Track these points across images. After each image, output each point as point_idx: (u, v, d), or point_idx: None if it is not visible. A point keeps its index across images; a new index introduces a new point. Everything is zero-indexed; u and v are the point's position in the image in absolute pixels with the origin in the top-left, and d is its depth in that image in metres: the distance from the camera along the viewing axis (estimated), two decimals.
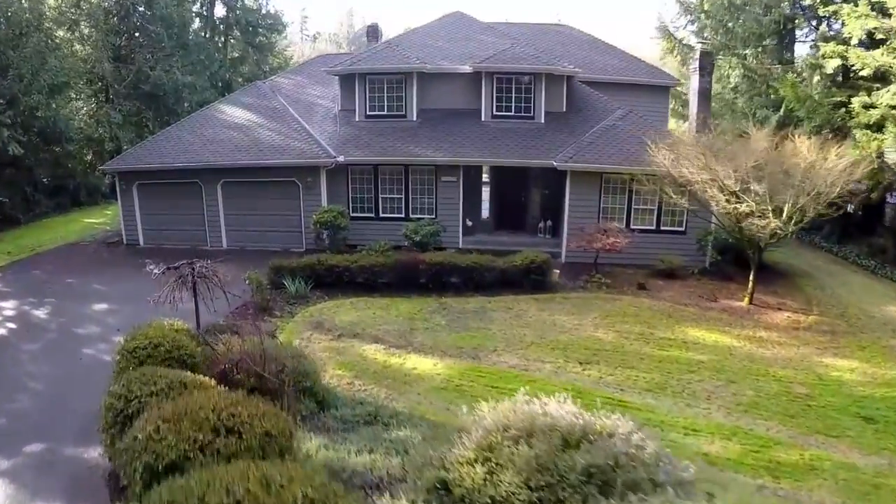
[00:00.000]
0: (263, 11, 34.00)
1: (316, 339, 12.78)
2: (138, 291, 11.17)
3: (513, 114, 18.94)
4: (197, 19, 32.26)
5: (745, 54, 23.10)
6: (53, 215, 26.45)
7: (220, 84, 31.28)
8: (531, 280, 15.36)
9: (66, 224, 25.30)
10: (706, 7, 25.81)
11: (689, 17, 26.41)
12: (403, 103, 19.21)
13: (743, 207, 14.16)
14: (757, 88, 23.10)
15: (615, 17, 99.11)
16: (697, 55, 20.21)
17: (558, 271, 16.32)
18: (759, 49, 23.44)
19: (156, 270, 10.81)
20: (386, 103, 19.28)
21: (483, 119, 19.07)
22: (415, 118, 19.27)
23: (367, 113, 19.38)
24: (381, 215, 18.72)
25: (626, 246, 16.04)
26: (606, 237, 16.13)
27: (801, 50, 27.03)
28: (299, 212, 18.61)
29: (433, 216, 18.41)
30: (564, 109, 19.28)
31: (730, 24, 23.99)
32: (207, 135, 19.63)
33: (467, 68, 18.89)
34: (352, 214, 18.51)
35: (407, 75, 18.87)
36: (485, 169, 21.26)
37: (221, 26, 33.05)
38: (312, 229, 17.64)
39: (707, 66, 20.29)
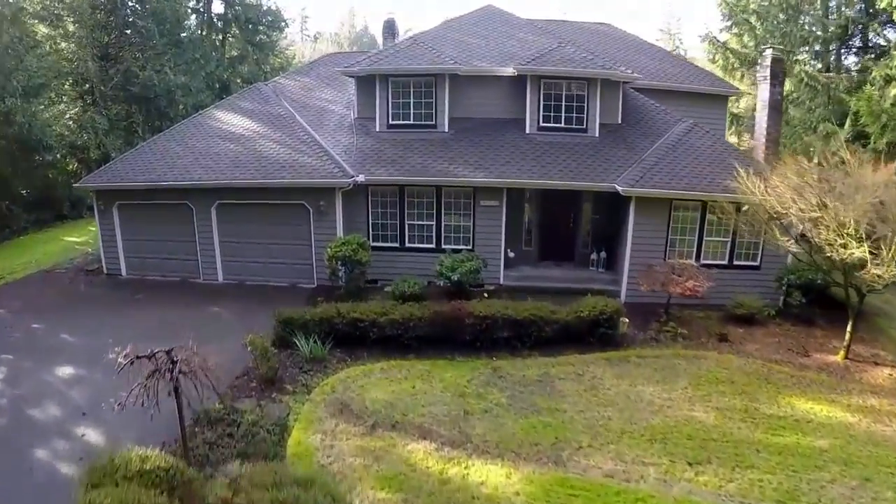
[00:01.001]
0: (264, 7, 29.79)
1: (342, 433, 9.05)
2: (113, 344, 7.62)
3: (562, 125, 15.06)
4: (193, 16, 28.00)
5: (804, 60, 19.85)
6: (32, 231, 22.44)
7: (217, 85, 27.17)
8: (599, 334, 11.71)
9: (44, 243, 21.25)
10: (753, 7, 22.67)
11: (731, 20, 22.77)
12: (433, 111, 15.22)
13: (859, 253, 10.39)
14: (818, 99, 19.60)
15: (620, 16, 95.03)
16: (768, 61, 16.18)
17: (627, 320, 12.45)
18: (819, 55, 20.29)
19: (121, 359, 6.94)
20: (412, 110, 15.32)
21: (528, 131, 15.15)
22: (446, 128, 15.33)
23: (390, 122, 15.42)
24: (408, 245, 14.74)
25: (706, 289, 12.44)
26: (684, 279, 12.40)
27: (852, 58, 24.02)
28: (309, 241, 14.64)
29: (469, 247, 14.50)
30: (620, 121, 15.45)
31: (784, 27, 20.57)
32: (199, 147, 15.63)
33: (510, 71, 14.95)
34: (372, 244, 14.52)
35: (438, 77, 14.94)
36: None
37: (220, 23, 28.83)
38: (326, 264, 13.66)
39: (779, 74, 16.37)
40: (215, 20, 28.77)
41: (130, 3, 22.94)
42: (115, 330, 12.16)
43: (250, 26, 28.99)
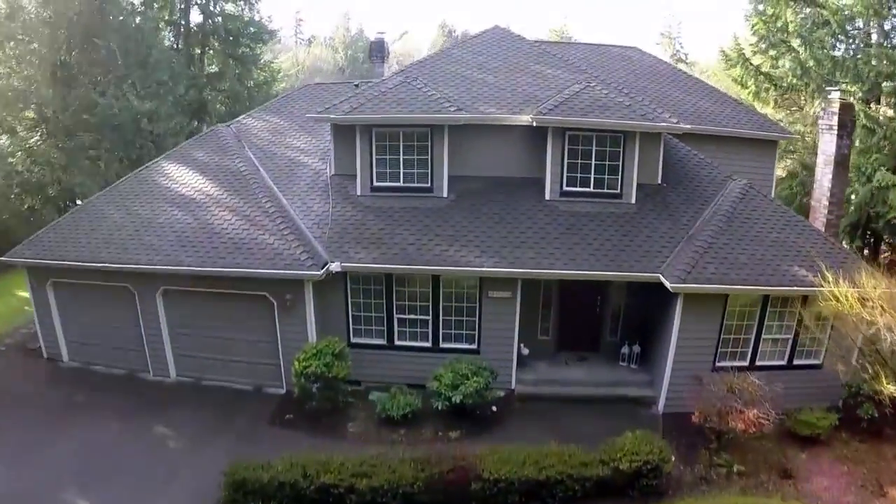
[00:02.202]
0: (247, 18, 24.76)
1: None
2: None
3: (591, 189, 10.92)
4: (169, 29, 23.24)
5: (853, 93, 15.80)
6: None
7: (194, 106, 22.83)
8: (641, 486, 8.06)
9: None
10: (793, 27, 17.84)
11: (766, 41, 17.99)
12: (429, 170, 11.03)
13: None
14: (875, 144, 15.20)
15: (618, 21, 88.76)
16: (835, 107, 11.94)
17: (673, 458, 8.53)
18: (873, 89, 15.94)
19: None
20: (402, 169, 11.10)
21: (548, 197, 10.99)
22: (445, 192, 11.12)
23: (374, 184, 11.18)
24: (398, 343, 10.76)
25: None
26: (745, 410, 8.56)
27: None
28: (275, 338, 10.74)
29: (474, 346, 10.58)
30: (660, 180, 11.34)
31: (836, 54, 16.08)
32: (143, 214, 11.56)
33: (526, 119, 10.72)
34: (354, 340, 10.71)
35: (434, 128, 10.79)
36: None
37: (199, 35, 24.31)
38: (294, 381, 9.82)
39: (848, 123, 12.12)
40: (194, 29, 24.48)
41: (89, 19, 18.47)
42: (37, 460, 8.93)
43: (231, 39, 24.37)
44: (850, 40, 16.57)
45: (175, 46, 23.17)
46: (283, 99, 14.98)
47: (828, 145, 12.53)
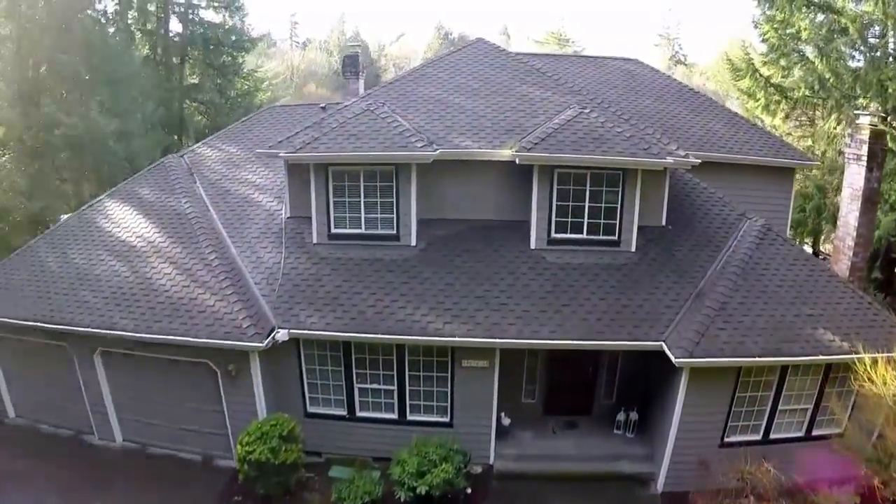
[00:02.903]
0: (228, 25, 22.14)
1: None
2: None
3: (584, 236, 8.80)
4: (145, 40, 20.77)
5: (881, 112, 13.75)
6: None
7: (171, 120, 20.46)
8: None
9: None
10: (805, 34, 15.26)
11: (777, 51, 15.56)
12: (394, 214, 8.91)
13: None
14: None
15: (617, 23, 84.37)
16: (864, 135, 9.69)
17: None
18: None
19: None
20: (364, 213, 8.98)
21: (534, 245, 8.88)
22: (413, 241, 9.00)
23: (332, 230, 9.10)
24: (360, 414, 8.77)
25: None
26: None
27: None
28: (221, 406, 8.82)
29: (446, 419, 8.58)
30: (664, 222, 9.27)
31: (854, 65, 13.60)
32: (80, 264, 9.70)
33: (507, 154, 8.63)
34: (311, 409, 8.81)
35: (400, 166, 8.69)
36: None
37: (178, 45, 21.50)
38: (237, 466, 8.02)
39: (879, 153, 9.85)
40: (175, 39, 22.47)
41: (54, 33, 16.45)
42: None
43: (212, 47, 21.78)
44: (872, 50, 14.15)
45: (153, 56, 21.12)
46: (242, 124, 12.74)
47: (855, 178, 10.23)
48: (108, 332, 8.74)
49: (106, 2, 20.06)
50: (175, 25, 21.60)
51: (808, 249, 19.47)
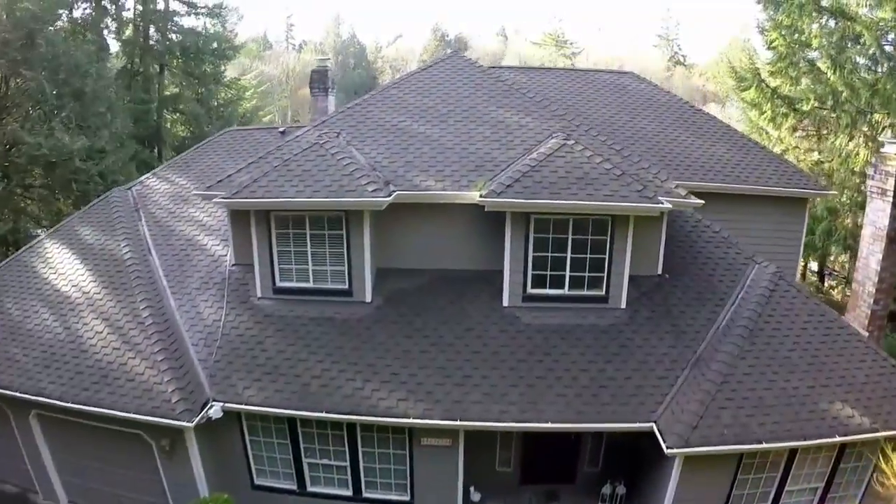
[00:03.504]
0: (209, 32, 20.27)
1: None
2: None
3: (566, 291, 7.20)
4: (120, 52, 19.13)
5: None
6: None
7: (148, 132, 18.95)
8: None
9: None
10: (816, 43, 13.07)
11: (786, 59, 13.63)
12: (346, 267, 7.34)
13: None
14: None
15: (616, 24, 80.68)
16: (891, 167, 7.88)
17: None
18: None
19: None
20: (312, 265, 7.42)
21: (507, 303, 7.27)
22: (368, 296, 7.42)
23: (277, 283, 7.57)
24: (311, 489, 7.35)
25: None
26: None
27: None
28: (159, 476, 7.43)
29: (406, 497, 7.14)
30: (660, 271, 7.66)
31: (870, 77, 11.75)
32: (13, 316, 8.32)
33: (473, 197, 7.05)
34: (258, 482, 7.37)
35: (352, 214, 7.11)
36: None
37: (157, 53, 19.34)
38: None
39: None
40: (156, 47, 20.87)
41: (19, 46, 14.47)
42: None
43: (191, 55, 19.57)
44: (889, 60, 12.21)
45: (130, 66, 19.65)
46: (196, 151, 11.11)
47: (878, 215, 8.41)
48: (34, 397, 7.34)
49: (78, 11, 18.74)
50: (154, 34, 20.10)
51: (814, 266, 17.96)
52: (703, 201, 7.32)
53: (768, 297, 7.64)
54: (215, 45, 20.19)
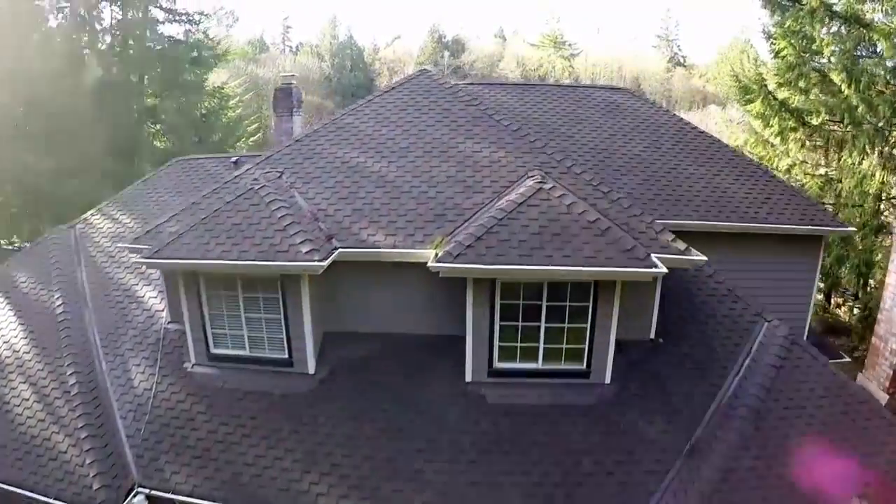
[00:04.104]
0: (192, 40, 18.73)
1: None
2: None
3: (538, 366, 5.83)
4: (96, 62, 17.05)
5: None
6: None
7: (121, 150, 16.86)
8: None
9: None
10: (828, 52, 11.46)
11: (795, 70, 11.98)
12: (283, 334, 6.04)
13: None
14: None
15: (615, 25, 77.58)
16: None
17: None
18: None
19: None
20: (247, 331, 6.13)
21: (470, 377, 5.92)
22: (311, 367, 6.12)
23: (212, 350, 6.31)
24: None
25: None
26: None
27: None
28: None
29: None
30: (652, 335, 6.28)
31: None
32: None
33: (429, 255, 5.67)
34: None
35: (287, 278, 5.75)
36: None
37: (136, 63, 17.82)
38: None
39: None
40: (130, 56, 19.15)
41: None
42: None
43: (171, 63, 17.97)
44: None
45: (107, 77, 18.32)
46: (144, 184, 9.77)
47: None
48: None
49: (53, 21, 17.48)
50: (132, 42, 18.68)
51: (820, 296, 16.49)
52: (705, 258, 5.93)
53: (779, 367, 6.33)
54: (195, 53, 18.98)
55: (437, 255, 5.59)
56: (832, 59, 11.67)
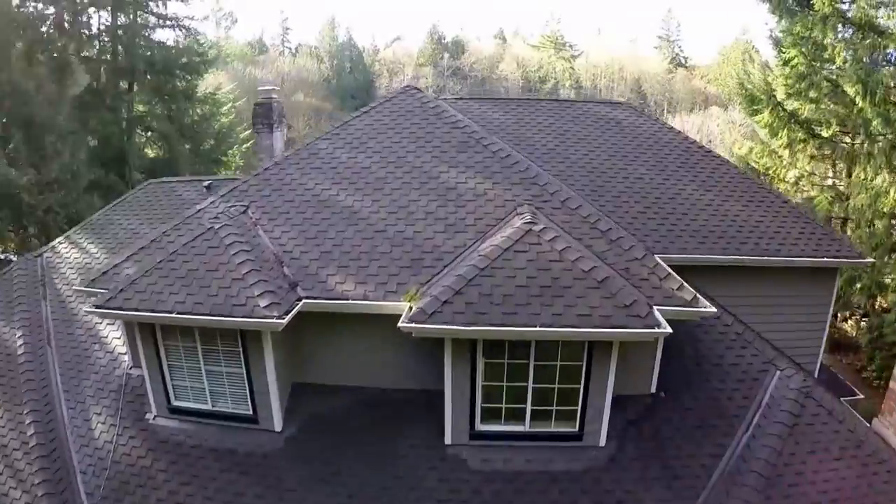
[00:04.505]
0: (182, 45, 17.99)
1: None
2: None
3: (526, 428, 5.11)
4: (84, 70, 16.18)
5: None
6: None
7: (110, 160, 16.12)
8: None
9: None
10: (839, 61, 10.55)
11: (805, 80, 11.09)
12: (246, 389, 5.32)
13: None
14: None
15: (615, 26, 75.11)
16: None
17: None
18: None
19: None
20: (209, 386, 5.44)
21: (450, 440, 5.21)
22: (278, 424, 5.44)
23: (173, 402, 5.63)
24: None
25: None
26: None
27: None
28: None
29: None
30: (653, 389, 5.61)
31: None
32: None
33: (401, 307, 4.94)
34: None
35: (248, 332, 5.04)
36: None
37: (123, 68, 16.97)
38: None
39: None
40: (118, 63, 17.42)
41: None
42: None
43: (160, 70, 17.14)
44: None
45: (95, 85, 17.48)
46: (112, 210, 8.95)
47: None
48: None
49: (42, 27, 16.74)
50: (120, 49, 17.76)
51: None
52: (715, 311, 5.20)
53: (791, 426, 5.67)
54: (185, 59, 18.15)
55: (410, 309, 4.90)
56: (845, 66, 10.82)
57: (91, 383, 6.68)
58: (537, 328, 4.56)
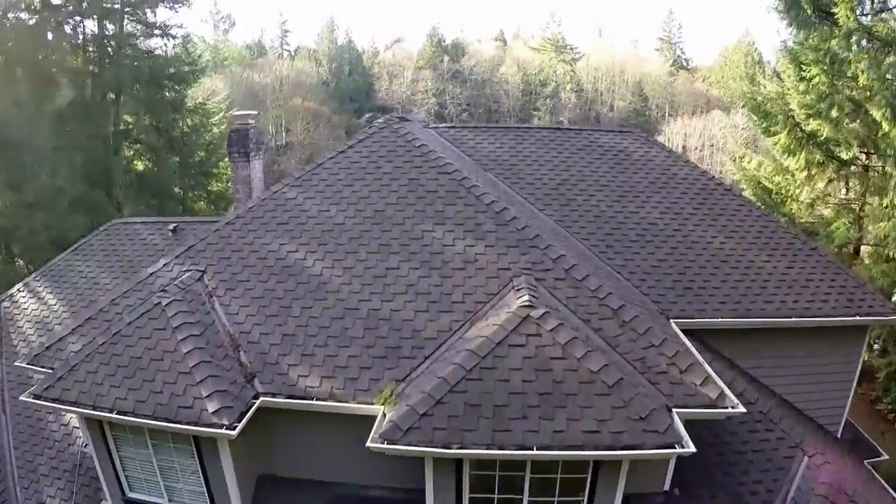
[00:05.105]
0: (171, 54, 16.85)
1: None
2: None
3: None
4: (68, 83, 15.10)
5: None
6: None
7: (97, 174, 14.90)
8: None
9: None
10: (863, 80, 9.16)
11: (826, 100, 9.71)
12: (203, 487, 4.50)
13: None
14: None
15: (615, 26, 72.64)
16: None
17: None
18: None
19: None
20: (162, 479, 4.61)
21: None
22: None
23: (127, 493, 4.80)
24: None
25: None
26: None
27: None
28: None
29: None
30: (667, 486, 4.59)
31: None
32: None
33: (367, 409, 4.09)
34: None
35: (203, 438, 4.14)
36: None
37: (109, 80, 15.67)
38: None
39: None
40: (106, 72, 16.89)
41: None
42: None
43: (146, 81, 15.81)
44: None
45: (81, 98, 16.40)
46: (73, 254, 7.99)
47: None
48: None
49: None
50: (106, 61, 16.62)
51: None
52: (744, 410, 4.33)
53: None
54: (173, 69, 17.02)
55: (384, 416, 4.01)
56: (869, 85, 9.75)
57: (45, 459, 5.90)
58: (534, 451, 3.69)
